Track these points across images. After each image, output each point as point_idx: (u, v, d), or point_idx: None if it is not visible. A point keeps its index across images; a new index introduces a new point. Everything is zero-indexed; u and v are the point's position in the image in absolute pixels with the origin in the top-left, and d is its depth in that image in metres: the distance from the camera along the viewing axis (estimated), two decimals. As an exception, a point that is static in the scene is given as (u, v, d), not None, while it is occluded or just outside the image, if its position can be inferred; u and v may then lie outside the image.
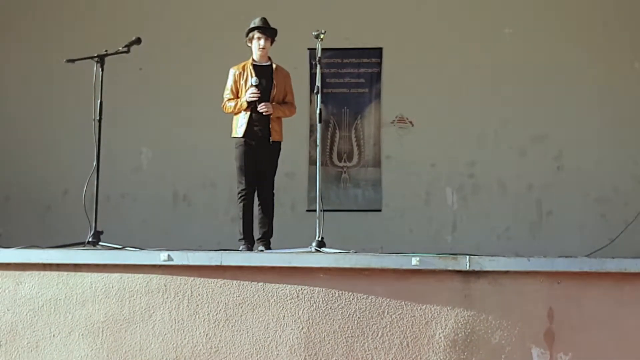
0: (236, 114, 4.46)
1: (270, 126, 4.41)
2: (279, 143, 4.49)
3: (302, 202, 5.95)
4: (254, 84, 4.38)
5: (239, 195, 4.42)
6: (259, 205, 4.45)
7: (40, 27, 6.32)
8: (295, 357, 3.47)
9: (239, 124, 4.43)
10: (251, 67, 4.45)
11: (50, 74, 6.10)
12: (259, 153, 4.42)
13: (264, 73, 4.46)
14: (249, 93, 4.38)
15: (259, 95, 4.37)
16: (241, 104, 4.41)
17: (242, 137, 4.40)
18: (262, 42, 4.42)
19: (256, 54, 4.49)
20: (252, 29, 4.46)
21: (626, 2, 6.05)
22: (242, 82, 4.44)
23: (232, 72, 4.48)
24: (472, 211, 6.05)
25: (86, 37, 5.88)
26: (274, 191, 4.51)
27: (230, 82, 4.47)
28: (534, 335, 3.47)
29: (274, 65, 4.51)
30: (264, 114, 4.38)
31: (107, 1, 6.32)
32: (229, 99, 4.48)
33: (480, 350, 3.47)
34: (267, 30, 4.45)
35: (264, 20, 4.49)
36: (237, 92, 4.45)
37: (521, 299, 3.49)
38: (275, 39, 4.52)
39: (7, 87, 6.28)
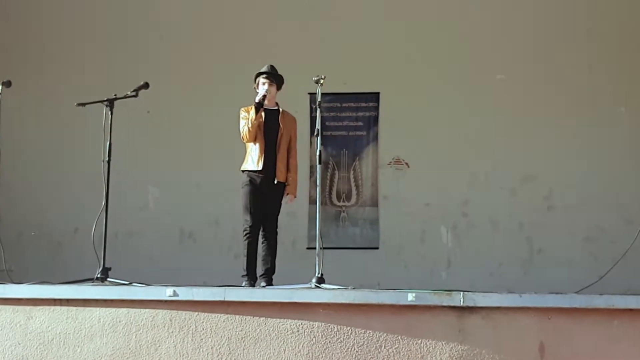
0: (251, 139, 4.49)
1: (277, 167, 4.51)
2: (284, 184, 4.56)
3: (302, 240, 6.04)
4: (262, 93, 4.48)
5: (245, 233, 4.49)
6: (263, 243, 4.52)
7: (52, 74, 6.48)
8: (295, 389, 3.50)
9: (253, 158, 4.48)
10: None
11: (62, 117, 6.24)
12: (265, 192, 4.51)
13: (272, 117, 4.58)
14: (258, 96, 4.47)
15: (265, 95, 4.48)
16: (252, 117, 4.45)
17: (259, 171, 4.45)
18: (265, 86, 4.55)
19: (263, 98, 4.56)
20: (259, 74, 4.63)
21: (612, 48, 6.25)
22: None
23: (242, 110, 4.57)
24: (465, 249, 6.15)
25: (96, 81, 6.03)
26: (277, 230, 4.58)
27: (243, 115, 4.54)
28: (525, 369, 3.52)
29: (280, 110, 4.64)
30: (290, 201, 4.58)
31: (116, 47, 6.49)
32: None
33: (474, 383, 3.53)
34: (272, 76, 4.61)
35: (271, 67, 4.68)
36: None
37: (513, 334, 3.57)
38: (282, 87, 4.66)
39: (21, 129, 6.31)
